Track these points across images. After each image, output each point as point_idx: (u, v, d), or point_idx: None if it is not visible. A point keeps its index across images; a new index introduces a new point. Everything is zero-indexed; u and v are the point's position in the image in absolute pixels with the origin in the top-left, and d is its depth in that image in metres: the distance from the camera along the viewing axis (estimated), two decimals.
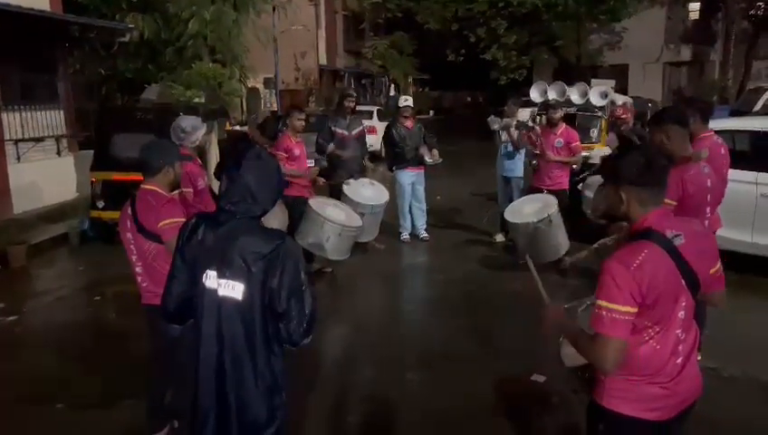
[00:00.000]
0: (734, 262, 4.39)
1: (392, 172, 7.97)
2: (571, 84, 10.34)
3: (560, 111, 7.07)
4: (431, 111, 37.65)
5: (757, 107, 14.21)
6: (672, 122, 3.43)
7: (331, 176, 7.20)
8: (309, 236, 5.77)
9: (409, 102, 7.95)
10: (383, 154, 8.86)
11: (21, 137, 9.52)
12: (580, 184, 7.61)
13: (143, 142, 3.25)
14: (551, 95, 9.76)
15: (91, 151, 8.56)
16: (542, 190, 6.75)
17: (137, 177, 3.23)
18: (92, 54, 12.92)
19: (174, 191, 3.31)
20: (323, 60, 30.91)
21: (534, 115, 10.39)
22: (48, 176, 9.87)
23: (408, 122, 7.77)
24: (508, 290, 6.09)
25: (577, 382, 2.17)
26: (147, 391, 3.48)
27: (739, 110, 14.37)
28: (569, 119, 8.61)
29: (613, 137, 6.96)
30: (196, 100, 12.06)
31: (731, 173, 4.05)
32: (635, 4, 23.60)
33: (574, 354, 2.26)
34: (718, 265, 2.14)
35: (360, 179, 7.10)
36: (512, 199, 7.36)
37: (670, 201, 3.23)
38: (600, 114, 10.12)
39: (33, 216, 9.01)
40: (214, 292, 2.10)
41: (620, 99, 9.63)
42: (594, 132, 10.11)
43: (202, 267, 2.13)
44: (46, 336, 5.34)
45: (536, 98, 10.27)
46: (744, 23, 25.00)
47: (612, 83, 11.68)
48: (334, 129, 7.25)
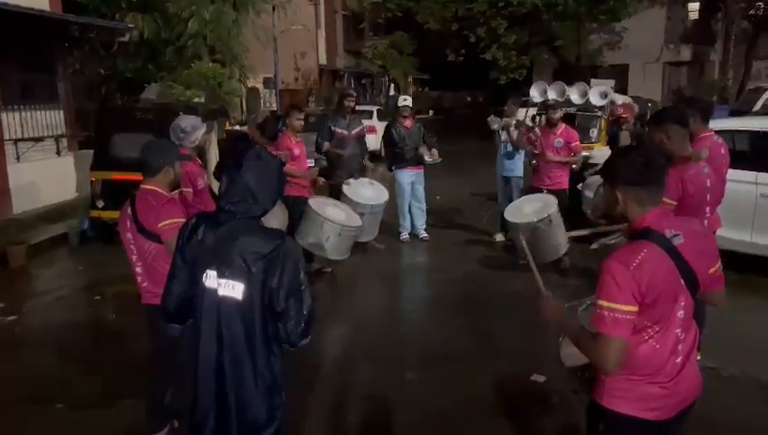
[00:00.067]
0: (733, 262, 4.39)
1: (391, 172, 7.97)
2: (570, 84, 10.33)
3: (559, 111, 7.07)
4: (431, 111, 37.66)
5: (757, 107, 14.21)
6: (672, 122, 3.43)
7: (331, 176, 7.20)
8: (309, 236, 5.77)
9: (408, 102, 7.94)
10: (383, 154, 8.86)
11: (20, 136, 9.52)
12: (581, 184, 7.61)
13: (143, 142, 3.25)
14: (550, 95, 9.75)
15: (91, 151, 8.56)
16: (541, 190, 6.75)
17: (137, 177, 3.22)
18: (92, 54, 12.92)
19: (174, 191, 3.31)
20: (323, 60, 30.93)
21: (534, 115, 10.40)
22: (48, 176, 9.86)
23: (408, 122, 7.77)
24: (508, 290, 6.09)
25: (577, 383, 2.17)
26: (146, 391, 3.48)
27: (739, 110, 14.37)
28: (568, 119, 8.62)
29: (626, 135, 6.95)
30: (196, 99, 12.05)
31: (731, 173, 4.05)
32: (635, 4, 23.58)
33: (574, 355, 2.25)
34: (718, 265, 2.14)
35: (360, 179, 7.10)
36: (512, 199, 7.35)
37: (670, 201, 3.23)
38: (600, 114, 10.12)
39: (32, 216, 9.00)
40: (214, 292, 2.10)
41: (620, 99, 9.63)
42: (594, 132, 10.11)
43: (202, 267, 2.12)
44: (46, 336, 5.34)
45: (536, 98, 10.26)
46: (744, 23, 25.00)
47: (612, 83, 11.68)
48: (334, 128, 7.25)
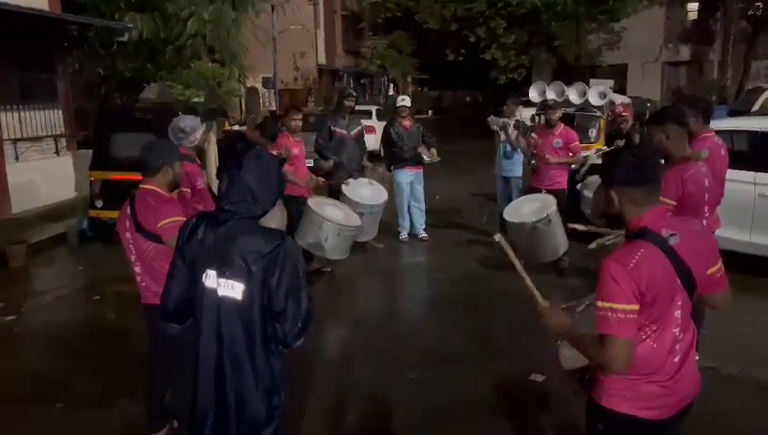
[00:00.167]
0: (732, 261, 4.39)
1: (390, 172, 7.97)
2: (569, 84, 10.35)
3: (558, 112, 7.04)
4: (430, 111, 37.67)
5: (756, 107, 14.21)
6: (672, 122, 3.43)
7: (331, 176, 7.20)
8: (308, 236, 5.77)
9: (406, 102, 7.94)
10: (382, 154, 8.86)
11: (19, 136, 9.51)
12: (580, 184, 7.61)
13: (142, 142, 3.25)
14: (549, 95, 9.78)
15: (90, 151, 8.55)
16: (540, 190, 6.75)
17: (136, 176, 3.22)
18: (91, 54, 12.90)
19: (173, 191, 3.30)
20: (322, 59, 30.94)
21: (533, 115, 10.41)
22: (47, 175, 9.86)
23: (406, 122, 7.77)
24: (507, 290, 6.07)
25: (577, 384, 2.17)
26: (146, 391, 3.48)
27: (737, 110, 14.38)
28: (567, 119, 8.62)
29: (637, 137, 6.95)
30: (195, 99, 12.05)
31: (729, 173, 4.05)
32: (634, 4, 23.57)
33: (573, 357, 2.25)
34: (719, 266, 2.13)
35: (359, 179, 7.09)
36: (511, 199, 7.35)
37: (670, 201, 3.23)
38: (599, 114, 10.13)
39: (31, 215, 9.00)
40: (213, 291, 2.10)
41: (618, 99, 9.64)
42: (593, 132, 10.12)
43: (202, 267, 2.13)
44: (45, 336, 5.33)
45: (535, 98, 10.28)
46: (743, 22, 25.04)
47: (611, 83, 11.70)
48: (333, 128, 7.24)
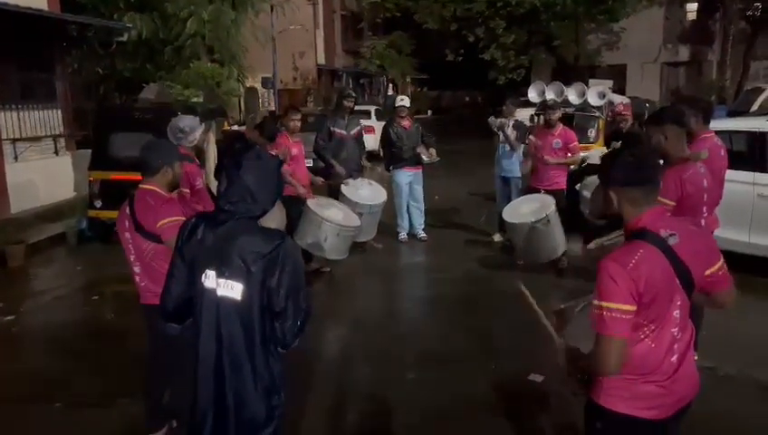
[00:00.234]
0: (730, 262, 4.40)
1: (389, 172, 7.97)
2: (568, 84, 10.34)
3: (558, 112, 7.04)
4: (429, 111, 37.67)
5: (754, 107, 14.22)
6: (671, 122, 3.43)
7: (330, 176, 7.20)
8: (307, 237, 5.77)
9: (405, 102, 7.93)
10: (381, 154, 8.87)
11: (18, 136, 9.51)
12: (579, 184, 7.62)
13: (141, 142, 3.24)
14: (549, 95, 9.77)
15: (89, 151, 8.53)
16: (539, 190, 6.76)
17: (135, 176, 3.22)
18: (90, 54, 12.91)
19: (173, 191, 3.31)
20: (321, 59, 30.94)
21: (532, 115, 10.41)
22: (46, 175, 9.85)
23: (405, 122, 7.77)
24: (506, 290, 6.07)
25: (576, 385, 2.18)
26: (145, 391, 3.48)
27: (736, 110, 14.39)
28: (566, 119, 8.61)
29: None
30: (195, 99, 12.07)
31: (728, 173, 4.06)
32: (633, 5, 23.58)
33: (577, 334, 2.26)
34: (720, 264, 2.12)
35: (359, 179, 7.10)
36: (510, 199, 7.36)
37: (669, 201, 3.24)
38: (598, 114, 10.13)
39: (30, 215, 8.99)
40: (213, 292, 2.10)
41: (617, 99, 9.64)
42: (592, 132, 10.11)
43: (201, 267, 2.13)
44: (44, 336, 5.33)
45: (534, 98, 10.27)
46: (742, 23, 25.05)
47: (610, 83, 11.69)
48: (333, 128, 7.24)
